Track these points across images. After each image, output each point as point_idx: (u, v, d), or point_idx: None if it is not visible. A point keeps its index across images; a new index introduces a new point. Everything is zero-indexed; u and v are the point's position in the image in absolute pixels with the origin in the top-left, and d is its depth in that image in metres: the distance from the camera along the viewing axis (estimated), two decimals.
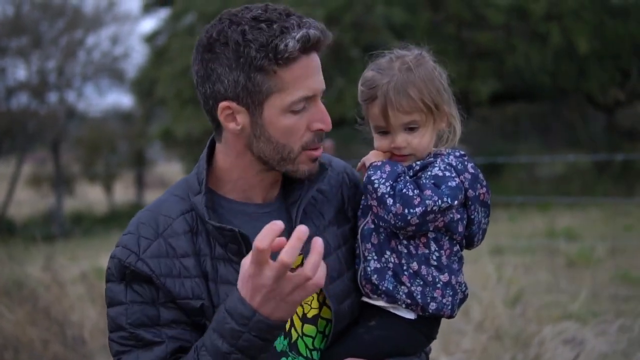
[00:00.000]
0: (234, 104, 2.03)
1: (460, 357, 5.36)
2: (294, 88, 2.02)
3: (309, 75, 2.04)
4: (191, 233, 2.10)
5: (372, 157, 2.23)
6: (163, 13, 25.56)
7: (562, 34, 18.82)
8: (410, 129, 2.20)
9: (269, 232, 1.76)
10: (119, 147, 32.36)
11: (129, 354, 2.07)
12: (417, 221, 2.07)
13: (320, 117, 2.10)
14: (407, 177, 2.14)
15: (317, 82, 2.07)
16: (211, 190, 2.15)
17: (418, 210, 2.06)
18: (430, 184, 2.10)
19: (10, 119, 25.36)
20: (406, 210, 2.06)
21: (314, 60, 2.06)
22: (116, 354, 2.09)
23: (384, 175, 2.12)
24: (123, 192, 32.10)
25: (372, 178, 2.13)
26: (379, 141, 2.25)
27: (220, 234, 2.07)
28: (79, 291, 7.20)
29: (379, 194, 2.10)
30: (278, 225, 1.76)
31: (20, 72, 26.58)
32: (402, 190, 2.08)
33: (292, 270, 1.84)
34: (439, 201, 2.07)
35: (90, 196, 30.96)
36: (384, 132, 2.24)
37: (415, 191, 2.08)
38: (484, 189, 2.22)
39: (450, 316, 2.21)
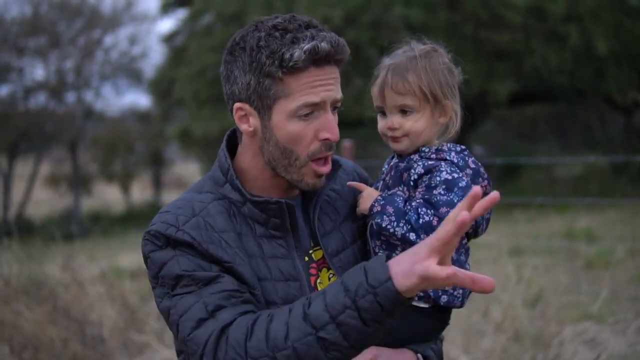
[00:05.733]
0: (246, 106, 2.12)
1: (480, 357, 5.35)
2: (299, 94, 2.08)
3: (317, 85, 2.08)
4: (228, 214, 2.14)
5: (365, 203, 2.25)
6: (181, 13, 25.61)
7: (580, 35, 18.72)
8: (404, 112, 2.24)
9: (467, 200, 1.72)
10: (137, 147, 32.46)
11: (187, 297, 2.03)
12: None
13: (328, 126, 2.13)
14: (413, 204, 2.15)
15: (327, 91, 2.10)
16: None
17: None
18: (442, 196, 2.12)
19: (28, 119, 25.47)
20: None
21: (327, 72, 2.10)
22: (168, 309, 2.04)
23: (393, 218, 2.15)
24: (140, 192, 32.29)
25: (384, 225, 2.16)
26: (379, 123, 2.30)
27: (261, 210, 2.13)
28: (98, 290, 7.21)
29: (399, 235, 2.13)
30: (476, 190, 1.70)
31: (38, 72, 26.71)
32: (418, 220, 2.11)
33: None
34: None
35: (108, 196, 31.11)
36: (383, 113, 2.29)
37: (429, 212, 2.11)
38: (486, 182, 2.26)
39: (461, 306, 2.25)
